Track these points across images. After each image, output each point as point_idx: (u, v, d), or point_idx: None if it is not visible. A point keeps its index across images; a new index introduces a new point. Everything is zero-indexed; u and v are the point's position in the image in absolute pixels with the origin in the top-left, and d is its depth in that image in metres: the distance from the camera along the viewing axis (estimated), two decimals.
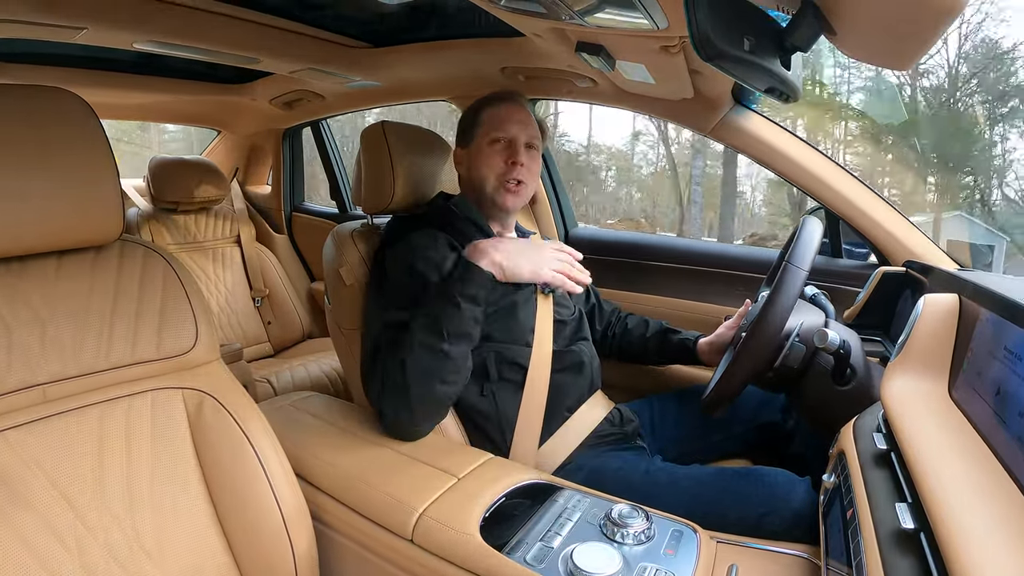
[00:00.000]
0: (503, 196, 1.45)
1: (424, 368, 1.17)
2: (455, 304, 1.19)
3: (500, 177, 1.44)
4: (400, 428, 1.23)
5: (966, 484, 0.63)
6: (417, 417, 1.21)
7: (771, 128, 1.68)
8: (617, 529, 0.94)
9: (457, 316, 1.19)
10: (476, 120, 1.48)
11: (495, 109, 1.48)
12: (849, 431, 0.95)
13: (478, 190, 1.46)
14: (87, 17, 1.47)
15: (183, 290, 1.02)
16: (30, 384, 0.84)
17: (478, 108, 1.51)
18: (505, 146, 1.45)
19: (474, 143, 1.47)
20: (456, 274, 1.23)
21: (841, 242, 1.84)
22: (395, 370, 1.18)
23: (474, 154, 1.47)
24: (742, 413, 1.54)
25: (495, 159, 1.44)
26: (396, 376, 1.18)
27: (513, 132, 1.45)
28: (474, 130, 1.48)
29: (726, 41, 0.85)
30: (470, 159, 1.48)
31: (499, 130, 1.45)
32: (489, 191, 1.45)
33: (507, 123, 1.45)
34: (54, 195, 0.85)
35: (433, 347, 1.18)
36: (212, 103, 2.94)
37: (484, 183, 1.45)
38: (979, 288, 0.87)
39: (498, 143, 1.44)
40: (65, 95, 0.88)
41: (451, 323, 1.18)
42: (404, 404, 1.19)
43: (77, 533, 0.84)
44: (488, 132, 1.45)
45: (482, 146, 1.45)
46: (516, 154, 1.44)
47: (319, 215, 3.25)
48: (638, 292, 2.14)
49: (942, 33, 0.70)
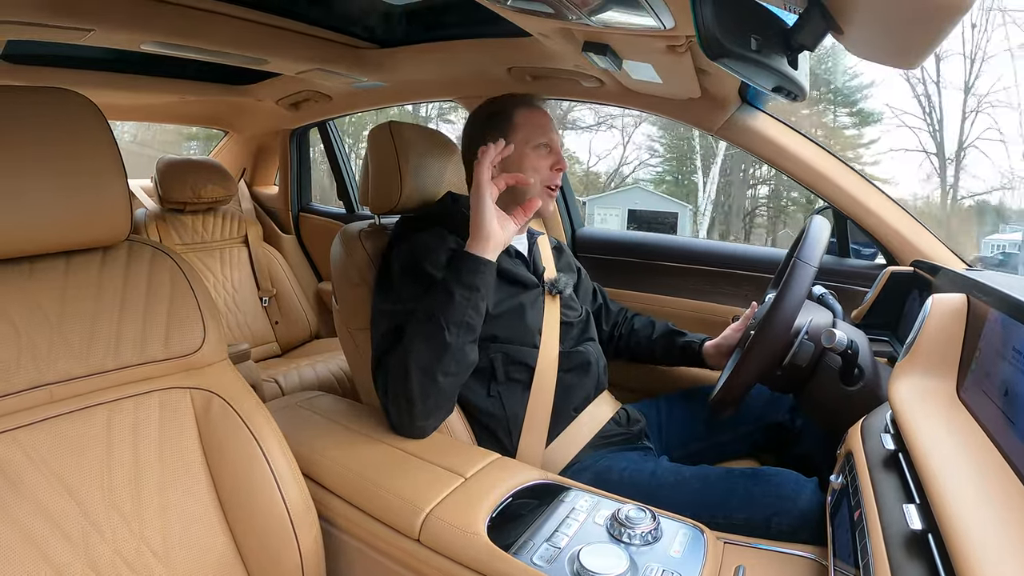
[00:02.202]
0: (548, 200, 1.45)
1: (425, 360, 1.17)
2: (448, 292, 1.18)
3: (544, 183, 1.44)
4: (405, 425, 1.22)
5: (974, 485, 0.63)
6: (420, 411, 1.20)
7: (778, 127, 1.68)
8: (624, 529, 0.94)
9: (451, 304, 1.18)
10: (510, 121, 1.45)
11: (531, 112, 1.46)
12: (857, 432, 0.95)
13: (519, 194, 1.42)
14: (95, 18, 1.48)
15: (191, 290, 1.02)
16: (38, 384, 0.85)
17: (508, 109, 1.47)
18: (548, 152, 1.45)
19: (512, 145, 1.43)
20: (451, 264, 1.23)
21: (849, 242, 1.84)
22: (398, 365, 1.18)
23: (513, 158, 1.42)
24: (749, 413, 1.53)
25: (541, 164, 1.43)
26: (399, 371, 1.18)
27: (555, 138, 1.46)
28: (509, 132, 1.44)
29: (733, 40, 0.85)
30: (506, 162, 1.42)
31: (543, 135, 1.44)
32: (535, 194, 1.42)
33: (548, 129, 1.45)
34: (62, 196, 0.85)
35: (432, 337, 1.17)
36: (219, 104, 2.96)
37: (529, 188, 1.42)
38: (987, 288, 0.87)
39: (542, 148, 1.44)
40: (72, 96, 0.88)
41: (447, 312, 1.17)
42: (407, 399, 1.18)
43: (84, 532, 0.85)
44: (531, 136, 1.43)
45: (524, 150, 1.43)
46: (562, 161, 1.46)
47: (326, 215, 3.26)
48: (645, 292, 2.14)
49: (949, 32, 0.70)
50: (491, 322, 1.32)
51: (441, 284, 1.20)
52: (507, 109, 1.47)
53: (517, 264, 1.43)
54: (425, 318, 1.18)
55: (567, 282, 1.50)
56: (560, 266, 1.62)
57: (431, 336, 1.17)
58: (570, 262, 1.71)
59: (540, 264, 1.53)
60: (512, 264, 1.41)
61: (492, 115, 1.49)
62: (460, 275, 1.19)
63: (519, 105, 1.47)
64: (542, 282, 1.47)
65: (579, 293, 1.64)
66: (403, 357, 1.18)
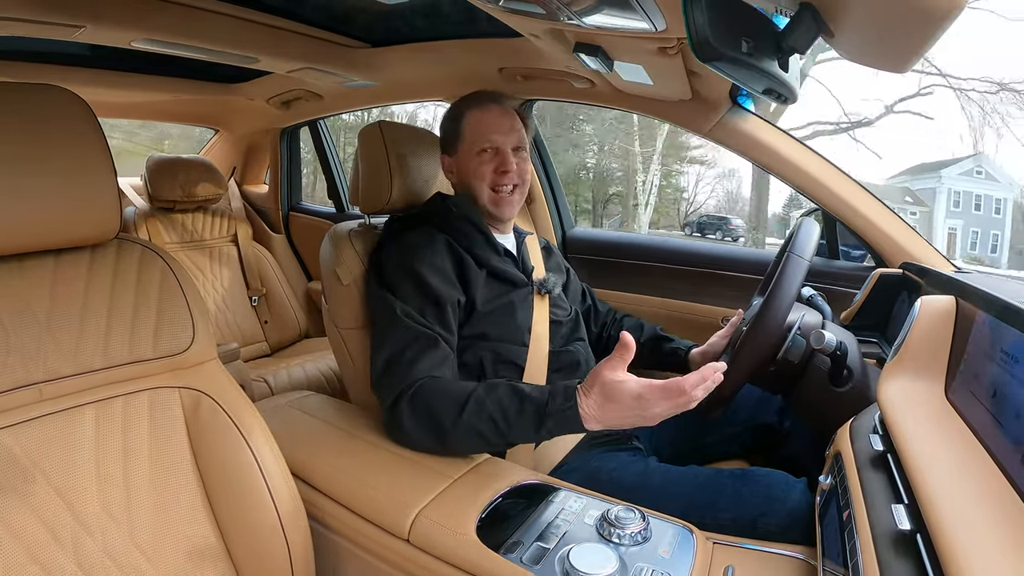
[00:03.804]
0: (499, 207, 1.44)
1: (459, 435, 1.12)
2: (535, 429, 1.09)
3: (492, 187, 1.43)
4: (401, 442, 1.21)
5: (963, 486, 0.63)
6: (419, 445, 1.18)
7: (769, 130, 1.68)
8: (613, 530, 0.94)
9: (525, 432, 1.11)
10: (457, 128, 1.46)
11: (475, 116, 1.45)
12: (846, 432, 0.95)
13: (474, 200, 1.45)
14: (85, 15, 1.47)
15: (180, 289, 1.01)
16: (27, 383, 0.84)
17: (457, 115, 1.47)
18: (492, 155, 1.43)
19: (460, 152, 1.45)
20: (556, 408, 1.07)
21: (838, 244, 1.85)
22: (427, 407, 1.14)
23: (462, 164, 1.44)
24: (738, 414, 1.54)
25: (484, 170, 1.42)
26: (423, 411, 1.14)
27: (498, 141, 1.43)
28: (457, 139, 1.45)
29: (724, 43, 0.86)
30: (458, 168, 1.46)
31: (484, 140, 1.42)
32: (484, 202, 1.44)
33: (491, 132, 1.43)
34: (51, 193, 0.84)
35: (481, 435, 1.11)
36: (210, 102, 2.95)
37: (477, 194, 1.43)
38: (976, 290, 0.87)
39: (485, 153, 1.42)
40: (62, 93, 0.88)
41: (513, 430, 1.10)
42: (427, 439, 1.16)
43: (73, 531, 0.84)
44: (473, 143, 1.43)
45: (469, 157, 1.43)
46: (506, 163, 1.42)
47: (316, 214, 3.25)
48: (635, 293, 2.14)
49: (939, 36, 0.70)
50: (481, 320, 1.33)
51: (532, 414, 1.09)
52: (459, 113, 1.47)
53: (506, 262, 1.43)
54: (489, 419, 1.10)
55: (556, 282, 1.50)
56: (549, 266, 1.62)
57: (481, 433, 1.11)
58: (559, 262, 1.72)
59: (529, 263, 1.53)
60: (501, 262, 1.41)
61: (447, 120, 1.49)
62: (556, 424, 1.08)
63: (470, 107, 1.46)
64: (531, 281, 1.47)
65: (568, 293, 1.64)
66: (440, 412, 1.13)
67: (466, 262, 1.35)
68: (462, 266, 1.34)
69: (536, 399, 1.09)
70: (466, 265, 1.34)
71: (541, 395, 1.09)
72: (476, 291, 1.34)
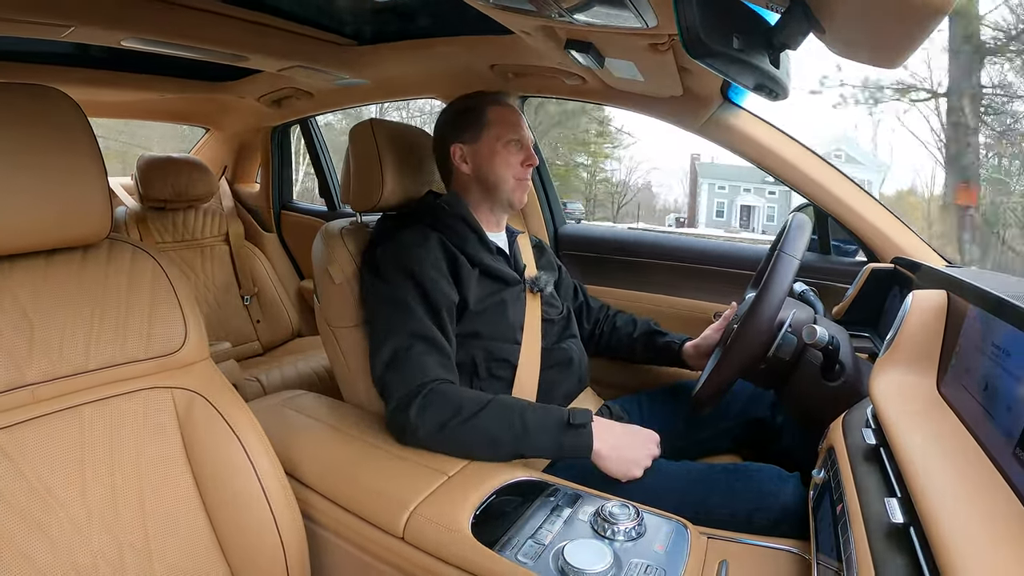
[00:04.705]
0: (519, 195, 1.49)
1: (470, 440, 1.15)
2: (552, 445, 1.16)
3: (517, 177, 1.47)
4: (410, 442, 1.20)
5: (955, 478, 0.63)
6: (426, 442, 1.18)
7: (760, 125, 1.69)
8: (608, 525, 0.94)
9: (540, 447, 1.17)
10: (482, 118, 1.48)
11: (502, 109, 1.49)
12: (838, 427, 0.96)
13: (492, 189, 1.47)
14: (74, 15, 1.47)
15: (172, 289, 1.01)
16: (19, 384, 0.84)
17: (480, 106, 1.50)
18: (519, 148, 1.47)
19: (483, 142, 1.47)
20: (571, 427, 1.17)
21: (830, 239, 1.85)
22: (445, 408, 1.16)
23: (485, 154, 1.46)
24: (731, 409, 1.54)
25: (512, 160, 1.46)
26: (436, 412, 1.16)
27: (526, 134, 1.49)
28: (481, 129, 1.47)
29: (715, 39, 0.85)
30: (479, 158, 1.47)
31: (514, 132, 1.46)
32: (508, 190, 1.47)
33: (519, 125, 1.48)
34: (41, 194, 0.84)
35: (492, 444, 1.15)
36: (200, 101, 2.93)
37: (501, 183, 1.46)
38: (967, 285, 0.88)
39: (512, 144, 1.46)
40: (52, 93, 0.87)
41: (526, 443, 1.16)
42: (437, 440, 1.16)
43: (66, 532, 0.84)
44: (502, 133, 1.46)
45: (495, 147, 1.45)
46: (532, 157, 1.48)
47: (308, 213, 3.24)
48: (627, 289, 2.14)
49: (931, 32, 0.71)
50: (473, 318, 1.33)
51: (548, 427, 1.16)
52: (479, 106, 1.49)
53: (499, 260, 1.43)
54: (500, 427, 1.15)
55: (547, 280, 1.50)
56: (541, 264, 1.63)
57: (493, 443, 1.15)
58: (551, 260, 1.72)
59: (520, 261, 1.54)
60: (494, 260, 1.41)
61: (465, 111, 1.51)
62: (568, 442, 1.16)
63: (491, 102, 1.50)
64: (523, 279, 1.47)
65: (560, 291, 1.65)
66: (455, 414, 1.15)
67: (459, 261, 1.35)
68: (455, 265, 1.34)
69: (558, 409, 1.20)
70: (459, 264, 1.34)
71: (562, 412, 1.19)
72: (469, 290, 1.34)
